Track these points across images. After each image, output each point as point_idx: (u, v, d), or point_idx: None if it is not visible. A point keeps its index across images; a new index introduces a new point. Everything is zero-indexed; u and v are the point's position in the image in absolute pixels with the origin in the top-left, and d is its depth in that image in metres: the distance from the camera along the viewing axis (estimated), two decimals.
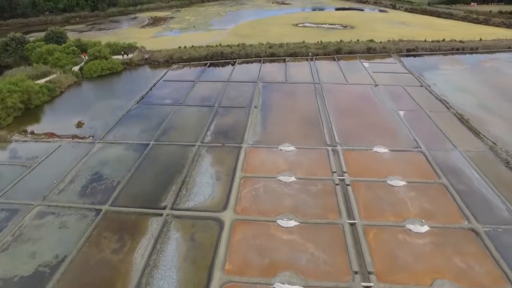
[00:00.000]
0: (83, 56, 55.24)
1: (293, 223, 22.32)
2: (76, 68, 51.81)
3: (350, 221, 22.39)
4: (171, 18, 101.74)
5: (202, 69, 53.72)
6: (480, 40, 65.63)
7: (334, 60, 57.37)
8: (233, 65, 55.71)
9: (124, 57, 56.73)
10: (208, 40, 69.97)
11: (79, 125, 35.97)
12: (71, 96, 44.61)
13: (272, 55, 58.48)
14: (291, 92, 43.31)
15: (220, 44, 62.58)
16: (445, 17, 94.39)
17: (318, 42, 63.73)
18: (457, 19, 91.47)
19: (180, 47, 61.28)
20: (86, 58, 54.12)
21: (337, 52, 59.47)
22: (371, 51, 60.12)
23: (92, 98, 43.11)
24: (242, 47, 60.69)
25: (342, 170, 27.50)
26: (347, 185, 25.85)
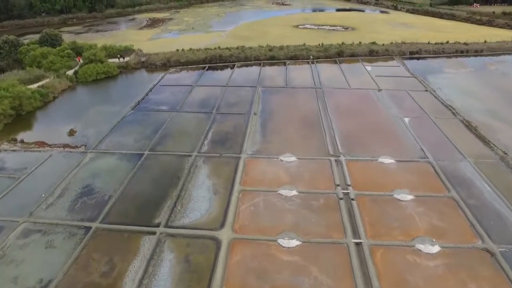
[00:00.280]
0: (78, 60, 53.72)
1: (294, 242, 20.92)
2: (71, 72, 50.39)
3: (355, 240, 20.99)
4: (170, 19, 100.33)
5: (200, 72, 52.31)
6: (485, 42, 64.21)
7: (336, 63, 55.97)
8: (232, 68, 54.31)
9: (120, 60, 55.32)
10: (206, 42, 68.57)
11: (71, 133, 34.56)
12: (64, 101, 43.18)
13: (272, 58, 57.07)
14: (291, 98, 41.90)
15: (219, 47, 61.18)
16: (448, 18, 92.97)
17: (319, 44, 62.31)
18: (459, 20, 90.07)
19: (178, 50, 59.87)
20: (81, 62, 52.67)
21: (338, 55, 58.06)
22: (374, 54, 58.71)
23: (86, 104, 41.68)
24: (241, 50, 59.29)
25: (346, 182, 26.11)
26: (352, 199, 24.45)
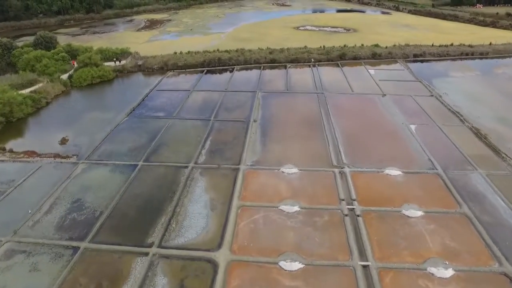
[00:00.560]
0: (72, 64, 52.15)
1: (297, 265, 19.44)
2: (65, 76, 48.88)
3: (362, 263, 19.52)
4: (168, 20, 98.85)
5: (198, 76, 50.83)
6: (490, 44, 62.75)
7: (338, 66, 54.53)
8: (231, 72, 52.84)
9: (117, 63, 53.83)
10: (205, 44, 67.12)
11: (63, 141, 33.07)
12: (57, 107, 41.68)
13: (273, 61, 55.59)
14: (292, 103, 40.42)
15: (218, 50, 59.68)
16: (451, 19, 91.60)
17: (320, 47, 60.86)
18: (463, 22, 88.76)
19: (175, 52, 58.38)
20: (76, 66, 51.17)
21: (340, 57, 56.60)
22: (376, 56, 57.25)
23: (80, 110, 40.15)
24: (241, 53, 57.80)
25: (351, 197, 24.63)
26: (358, 215, 22.99)
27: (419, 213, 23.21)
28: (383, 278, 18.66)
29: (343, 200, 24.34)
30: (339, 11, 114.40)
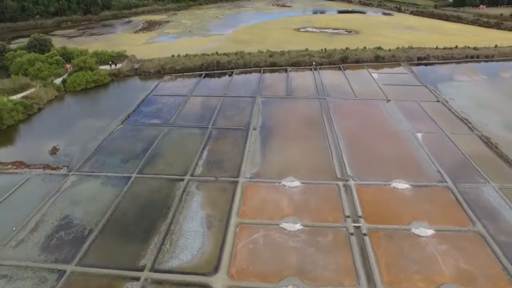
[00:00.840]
0: (66, 68, 50.52)
1: None
2: (59, 81, 47.35)
3: None
4: (167, 22, 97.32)
5: (196, 81, 49.34)
6: (496, 46, 61.26)
7: (340, 69, 53.04)
8: (230, 75, 51.36)
9: (112, 67, 52.32)
10: (204, 46, 65.64)
11: (53, 151, 31.59)
12: (49, 114, 40.16)
13: (273, 64, 54.11)
14: (293, 110, 38.93)
15: (217, 52, 58.18)
16: (454, 20, 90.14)
17: (322, 49, 59.35)
18: (466, 23, 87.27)
19: (173, 55, 56.87)
20: (70, 70, 49.65)
21: (342, 61, 55.08)
22: (380, 59, 55.76)
23: (73, 117, 38.62)
24: (240, 56, 56.29)
25: (356, 213, 23.15)
26: (364, 234, 21.52)
27: (430, 231, 21.73)
28: None
29: (348, 217, 22.86)
30: (340, 12, 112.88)
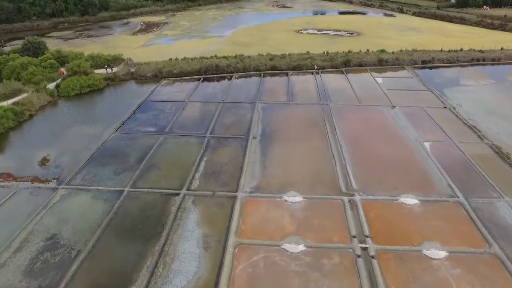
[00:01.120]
0: (59, 73, 48.86)
1: None
2: (52, 85, 45.83)
3: None
4: (165, 23, 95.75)
5: (194, 85, 47.82)
6: (502, 49, 59.75)
7: (343, 73, 51.53)
8: (229, 80, 49.87)
9: (108, 71, 50.83)
10: (203, 49, 64.15)
11: (43, 162, 30.08)
12: (41, 121, 38.60)
13: (273, 68, 52.60)
14: (295, 117, 37.42)
15: (216, 56, 56.65)
16: (457, 22, 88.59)
17: (323, 52, 57.89)
18: (470, 24, 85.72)
19: (171, 59, 55.35)
20: (64, 74, 48.11)
21: (345, 64, 53.58)
22: (383, 63, 54.25)
23: (65, 124, 37.07)
24: (240, 59, 54.78)
25: (363, 232, 21.66)
26: (372, 257, 20.02)
27: (442, 253, 20.23)
28: None
29: (354, 237, 21.36)
30: (341, 13, 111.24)
